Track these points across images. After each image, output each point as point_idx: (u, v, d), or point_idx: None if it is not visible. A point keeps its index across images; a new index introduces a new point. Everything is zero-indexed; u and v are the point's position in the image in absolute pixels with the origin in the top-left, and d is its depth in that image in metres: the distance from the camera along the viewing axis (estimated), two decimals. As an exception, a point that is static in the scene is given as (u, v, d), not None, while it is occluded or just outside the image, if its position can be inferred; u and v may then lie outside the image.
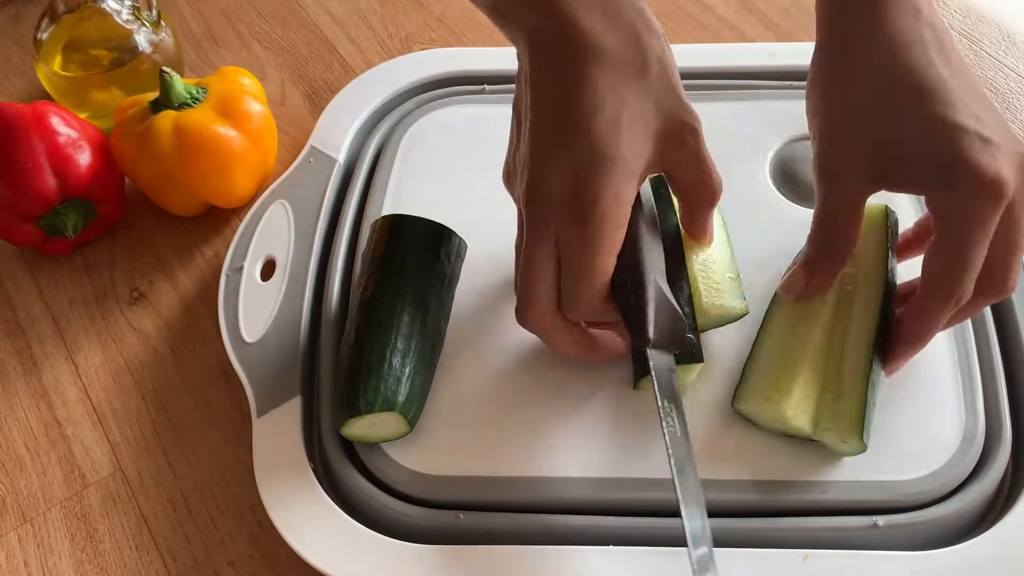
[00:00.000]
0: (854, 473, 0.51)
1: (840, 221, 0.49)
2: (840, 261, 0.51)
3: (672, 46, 0.80)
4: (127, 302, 0.67)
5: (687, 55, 0.73)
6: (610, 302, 0.48)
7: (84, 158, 0.65)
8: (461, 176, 0.66)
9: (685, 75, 0.70)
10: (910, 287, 0.54)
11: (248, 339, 0.60)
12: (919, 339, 0.49)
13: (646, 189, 0.53)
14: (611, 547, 0.50)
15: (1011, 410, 0.54)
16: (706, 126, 0.60)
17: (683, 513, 0.45)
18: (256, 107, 0.67)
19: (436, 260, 0.56)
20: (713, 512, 0.51)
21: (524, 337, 0.58)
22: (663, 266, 0.50)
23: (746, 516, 0.50)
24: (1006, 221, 0.45)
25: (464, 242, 0.59)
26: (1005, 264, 0.46)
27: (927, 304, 0.47)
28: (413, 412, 0.52)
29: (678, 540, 0.50)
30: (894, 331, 0.51)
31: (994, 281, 0.47)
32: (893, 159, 0.46)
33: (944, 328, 0.49)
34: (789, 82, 0.69)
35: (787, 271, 0.54)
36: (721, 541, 0.50)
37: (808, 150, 0.61)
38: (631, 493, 0.51)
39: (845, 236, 0.49)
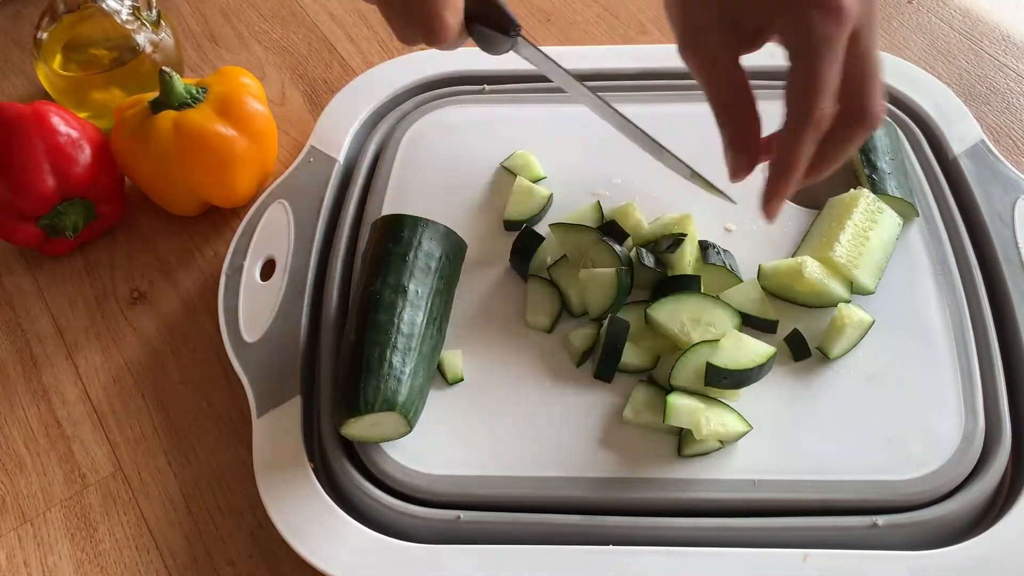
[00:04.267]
0: (854, 473, 0.51)
1: (721, 84, 0.51)
2: (745, 121, 0.52)
3: (672, 46, 0.80)
4: (127, 302, 0.67)
5: (687, 55, 0.73)
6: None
7: (84, 158, 0.65)
8: (461, 176, 0.66)
9: (685, 75, 0.71)
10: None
11: (248, 339, 0.60)
12: (787, 168, 0.50)
13: None
14: (611, 547, 0.50)
15: (1011, 410, 0.54)
16: (707, 126, 0.59)
17: None
18: (256, 107, 0.67)
19: (436, 260, 0.56)
20: (713, 512, 0.51)
21: (524, 337, 0.58)
22: None
23: (746, 516, 0.50)
24: (855, 45, 0.47)
25: (463, 242, 0.59)
26: (862, 89, 0.49)
27: (790, 128, 0.49)
28: (413, 412, 0.52)
29: (678, 540, 0.50)
30: (769, 169, 0.51)
31: (858, 107, 0.49)
32: (743, 9, 0.49)
33: (821, 169, 0.50)
34: (789, 82, 0.69)
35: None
36: (721, 541, 0.50)
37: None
38: (631, 493, 0.51)
39: (734, 97, 0.51)
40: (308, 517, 0.52)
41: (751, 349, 0.53)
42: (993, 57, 0.78)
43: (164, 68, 0.64)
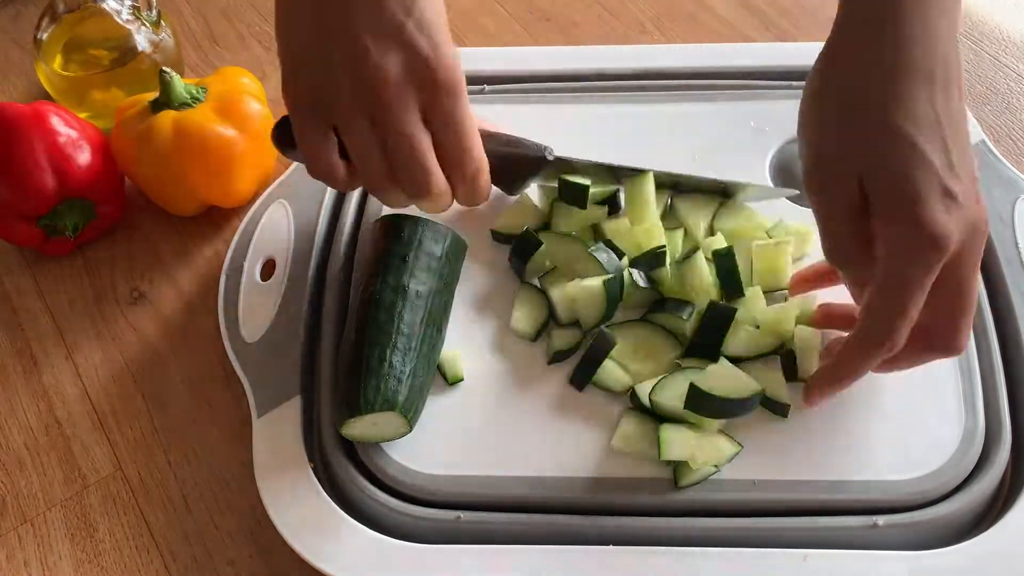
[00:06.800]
0: (854, 473, 0.51)
1: (840, 237, 0.47)
2: (851, 279, 0.50)
3: (672, 46, 0.81)
4: (127, 302, 0.67)
5: (687, 55, 0.73)
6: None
7: (84, 158, 0.65)
8: (461, 176, 0.66)
9: (685, 75, 0.71)
10: (828, 312, 0.55)
11: (248, 339, 0.60)
12: (844, 378, 0.49)
13: None
14: (611, 547, 0.50)
15: (1011, 410, 0.54)
16: (707, 126, 0.60)
17: None
18: (256, 107, 0.67)
19: (436, 260, 0.56)
20: (713, 512, 0.51)
21: (524, 338, 0.58)
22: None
23: (746, 516, 0.50)
24: (951, 272, 0.45)
25: (464, 241, 0.59)
26: (952, 322, 0.47)
27: (861, 344, 0.47)
28: (413, 412, 0.52)
29: (677, 541, 0.50)
30: (821, 366, 0.51)
31: (945, 338, 0.47)
32: (873, 190, 0.45)
33: (876, 369, 0.49)
34: (789, 82, 0.69)
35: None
36: (721, 541, 0.50)
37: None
38: (631, 493, 0.51)
39: (847, 252, 0.48)
40: (308, 517, 0.52)
41: (740, 381, 0.51)
42: (993, 57, 0.78)
43: (164, 68, 0.64)
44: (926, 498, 0.50)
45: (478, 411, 0.55)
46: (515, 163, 0.56)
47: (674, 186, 0.61)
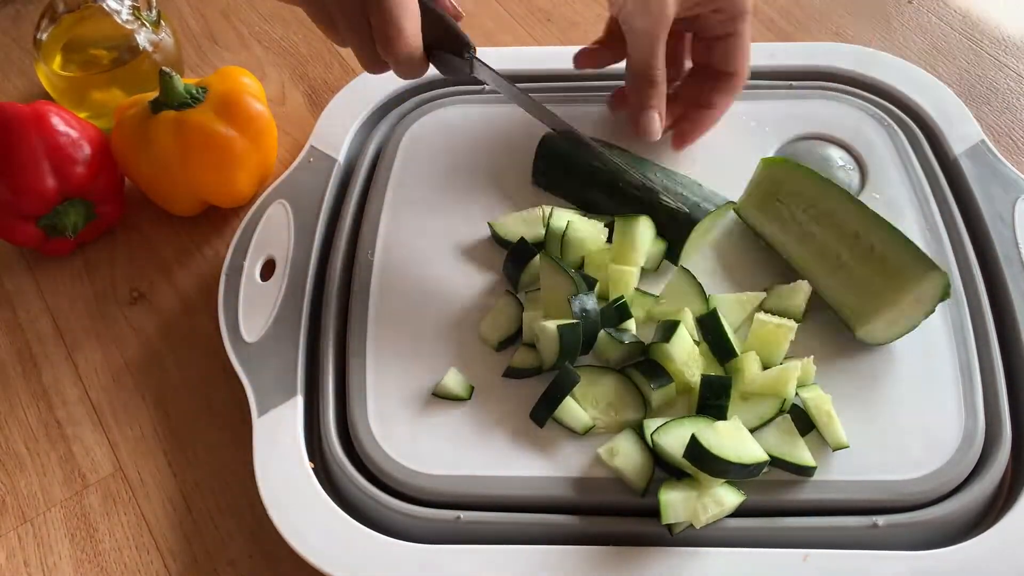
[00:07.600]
0: (854, 473, 0.51)
1: (652, 47, 0.61)
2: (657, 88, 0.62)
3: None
4: (127, 302, 0.67)
5: (687, 55, 0.73)
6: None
7: (84, 158, 0.65)
8: (461, 176, 0.66)
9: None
10: None
11: (248, 339, 0.60)
12: (642, 108, 0.63)
13: None
14: (611, 547, 0.50)
15: (1011, 410, 0.54)
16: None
17: None
18: (256, 107, 0.67)
19: None
20: (713, 512, 0.51)
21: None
22: None
23: (746, 516, 0.50)
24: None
25: None
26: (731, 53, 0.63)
27: (634, 79, 0.62)
28: None
29: (677, 540, 0.50)
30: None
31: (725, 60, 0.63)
32: None
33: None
34: (789, 82, 0.69)
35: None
36: (721, 541, 0.50)
37: (809, 149, 0.61)
38: (630, 493, 0.51)
39: (656, 63, 0.61)
40: (308, 517, 0.52)
41: (745, 445, 0.49)
42: (993, 57, 0.78)
43: (164, 68, 0.64)
44: (926, 498, 0.50)
45: (478, 411, 0.55)
46: (443, 47, 0.56)
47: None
